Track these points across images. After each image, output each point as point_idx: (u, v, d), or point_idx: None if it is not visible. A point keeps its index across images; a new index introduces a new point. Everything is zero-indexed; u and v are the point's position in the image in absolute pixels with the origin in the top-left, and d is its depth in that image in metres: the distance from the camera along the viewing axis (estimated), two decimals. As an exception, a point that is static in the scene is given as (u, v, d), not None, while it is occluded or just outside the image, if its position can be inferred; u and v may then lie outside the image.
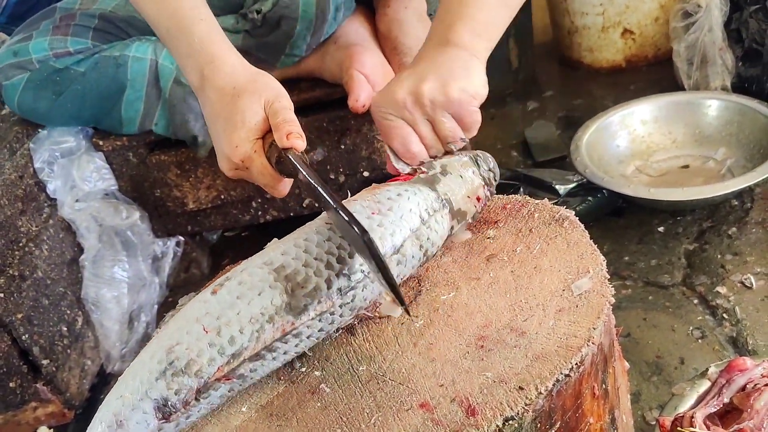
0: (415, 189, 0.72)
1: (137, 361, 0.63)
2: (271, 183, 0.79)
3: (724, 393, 0.84)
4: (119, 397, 0.61)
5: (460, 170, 0.76)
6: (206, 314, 0.62)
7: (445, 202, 0.73)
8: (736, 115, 1.44)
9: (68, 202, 1.29)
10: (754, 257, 1.19)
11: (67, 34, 1.19)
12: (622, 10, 1.86)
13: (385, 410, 0.59)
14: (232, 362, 0.60)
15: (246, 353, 0.61)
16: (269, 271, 0.63)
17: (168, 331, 0.64)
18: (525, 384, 0.58)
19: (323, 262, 0.64)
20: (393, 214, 0.69)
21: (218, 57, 0.81)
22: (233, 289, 0.63)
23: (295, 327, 0.62)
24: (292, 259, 0.64)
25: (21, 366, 1.14)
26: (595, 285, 0.68)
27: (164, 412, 0.59)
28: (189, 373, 0.60)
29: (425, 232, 0.70)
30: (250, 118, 0.77)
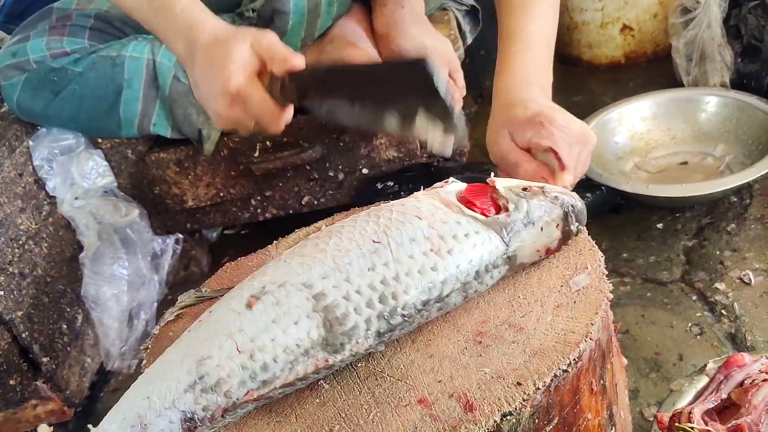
0: (486, 236, 0.65)
1: (166, 361, 0.62)
2: (271, 116, 0.79)
3: (722, 389, 0.84)
4: (145, 397, 0.60)
5: (544, 222, 0.68)
6: (240, 331, 0.61)
7: (509, 258, 0.67)
8: (735, 111, 1.44)
9: (68, 200, 1.29)
10: (753, 253, 1.19)
11: (63, 34, 1.19)
12: (621, 6, 1.86)
13: (384, 406, 0.60)
14: (262, 388, 0.60)
15: (278, 382, 0.60)
16: (308, 296, 0.61)
17: (200, 335, 0.63)
18: (523, 379, 0.59)
19: (364, 298, 0.61)
20: (451, 260, 0.63)
21: (201, 21, 0.83)
22: (269, 308, 0.61)
23: (329, 363, 0.60)
24: (333, 288, 0.61)
25: (21, 363, 1.15)
26: (593, 281, 0.68)
27: (190, 425, 0.59)
28: (218, 392, 0.59)
29: (475, 286, 0.66)
30: (239, 55, 0.77)
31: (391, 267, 0.62)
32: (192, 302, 0.81)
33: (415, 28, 1.18)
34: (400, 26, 1.18)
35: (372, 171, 1.30)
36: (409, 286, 0.62)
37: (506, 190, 0.69)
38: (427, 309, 0.63)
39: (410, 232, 0.64)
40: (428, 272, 0.63)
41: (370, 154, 1.29)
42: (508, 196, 0.69)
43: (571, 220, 0.70)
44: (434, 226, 0.65)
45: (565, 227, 0.69)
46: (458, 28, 1.38)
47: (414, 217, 0.66)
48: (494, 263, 0.66)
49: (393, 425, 0.58)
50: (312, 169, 1.31)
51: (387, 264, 0.62)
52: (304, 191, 1.34)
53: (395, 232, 0.64)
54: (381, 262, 0.62)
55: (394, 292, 0.61)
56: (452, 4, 1.40)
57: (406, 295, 0.61)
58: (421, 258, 0.63)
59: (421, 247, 0.63)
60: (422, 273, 0.62)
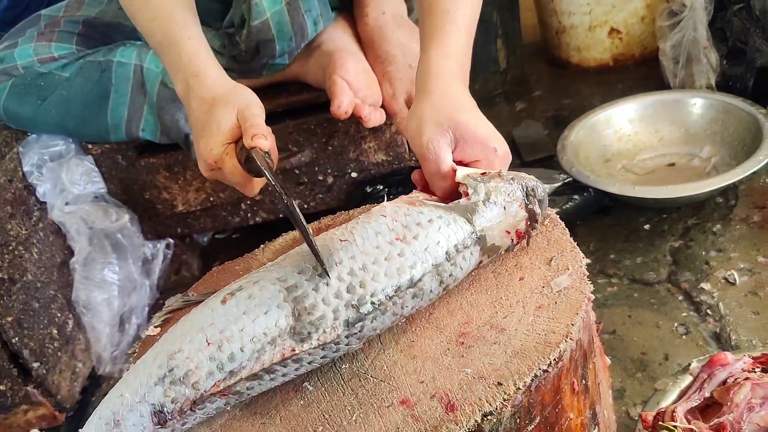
0: (450, 218, 0.67)
1: (142, 360, 0.64)
2: (241, 182, 0.86)
3: (705, 388, 0.85)
4: (119, 395, 0.61)
5: (505, 200, 0.70)
6: (211, 325, 0.62)
7: (478, 239, 0.68)
8: (721, 113, 1.45)
9: (58, 206, 1.29)
10: (738, 253, 1.20)
11: (51, 40, 1.19)
12: (609, 9, 1.88)
13: (367, 407, 0.60)
14: (229, 379, 0.60)
15: (243, 372, 0.60)
16: (280, 288, 0.62)
17: (175, 333, 0.64)
18: (504, 380, 0.59)
19: (333, 290, 0.62)
20: (417, 244, 0.65)
21: (202, 71, 0.88)
22: (242, 302, 0.62)
23: (296, 353, 0.60)
24: (306, 280, 0.62)
25: (11, 369, 1.15)
26: (574, 282, 0.69)
27: (160, 418, 0.60)
28: (186, 384, 0.60)
29: (448, 269, 0.66)
30: (224, 124, 0.83)
31: (358, 258, 0.64)
32: (179, 306, 0.81)
33: (400, 32, 1.19)
34: (383, 32, 1.19)
35: (361, 174, 1.31)
36: (377, 274, 0.63)
37: (465, 177, 0.72)
38: (399, 296, 0.63)
39: (375, 227, 0.66)
40: (395, 258, 0.64)
41: (359, 158, 1.29)
42: (467, 181, 0.72)
43: (532, 198, 0.72)
44: (397, 219, 0.67)
45: (528, 206, 0.71)
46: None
47: (379, 216, 0.68)
48: (463, 243, 0.67)
49: (375, 426, 0.58)
50: (301, 173, 1.32)
51: (353, 257, 0.64)
52: (293, 195, 1.35)
53: (361, 230, 0.66)
54: (348, 255, 0.64)
55: (362, 281, 0.62)
56: (439, 8, 1.40)
57: (374, 282, 0.62)
58: (387, 247, 0.64)
59: (386, 238, 0.65)
60: (389, 260, 0.64)
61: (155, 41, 0.93)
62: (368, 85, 1.12)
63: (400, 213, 0.68)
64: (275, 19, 1.09)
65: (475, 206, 0.69)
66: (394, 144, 1.28)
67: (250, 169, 0.82)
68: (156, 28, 0.92)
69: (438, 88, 0.80)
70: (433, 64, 0.82)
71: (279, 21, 1.10)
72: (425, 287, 0.65)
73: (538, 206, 0.73)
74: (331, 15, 1.20)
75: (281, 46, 1.13)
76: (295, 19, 1.11)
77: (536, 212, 0.72)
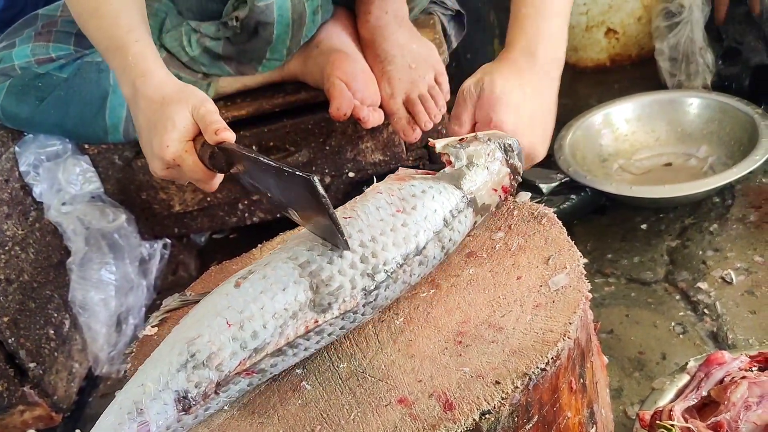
0: (440, 187, 0.72)
1: (157, 351, 0.64)
2: (203, 178, 0.86)
3: (702, 387, 0.85)
4: (140, 385, 0.61)
5: (486, 161, 0.75)
6: (229, 308, 0.63)
7: (470, 201, 0.72)
8: (717, 113, 1.45)
9: (54, 206, 1.29)
10: (735, 253, 1.20)
11: (49, 40, 1.19)
12: (606, 9, 1.88)
13: (365, 406, 0.60)
14: (254, 356, 0.61)
15: (268, 348, 0.61)
16: (294, 266, 0.64)
17: (188, 322, 0.64)
18: (501, 378, 0.59)
19: (347, 261, 0.64)
20: (417, 214, 0.69)
21: (149, 72, 0.88)
22: (257, 282, 0.64)
23: (318, 325, 0.62)
24: (318, 256, 0.65)
25: (8, 369, 1.14)
26: (571, 281, 0.69)
27: (184, 404, 0.60)
28: (210, 367, 0.60)
29: (447, 234, 0.70)
30: (179, 122, 0.83)
31: (366, 231, 0.66)
32: (177, 306, 0.81)
33: (400, 32, 1.19)
34: (384, 31, 1.18)
35: (358, 174, 1.31)
36: (386, 244, 0.66)
37: (445, 146, 0.77)
38: (408, 263, 0.67)
39: (374, 203, 0.69)
40: (400, 229, 0.67)
41: (356, 158, 1.29)
42: (448, 150, 0.76)
43: (511, 153, 0.77)
44: (393, 194, 0.71)
45: (509, 161, 0.77)
46: (443, 32, 1.39)
47: (375, 193, 0.72)
48: (457, 208, 0.71)
49: (373, 425, 0.58)
50: (298, 173, 1.31)
51: (361, 230, 0.67)
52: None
53: (361, 207, 0.70)
54: (355, 230, 0.67)
55: (374, 251, 0.65)
56: (437, 8, 1.41)
57: (385, 252, 0.65)
58: (390, 219, 0.68)
59: (387, 211, 0.69)
60: (395, 230, 0.67)
61: (102, 48, 0.92)
62: (366, 86, 1.12)
63: (393, 188, 0.72)
64: (279, 3, 1.09)
65: (460, 172, 0.74)
66: (392, 144, 1.28)
67: (215, 165, 0.82)
68: (102, 36, 0.92)
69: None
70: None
71: (281, 6, 1.10)
72: (429, 254, 0.69)
73: (517, 159, 0.78)
74: (331, 8, 1.20)
75: (278, 31, 1.12)
76: (296, 7, 1.11)
77: (517, 166, 0.78)
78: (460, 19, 1.45)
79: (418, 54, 1.18)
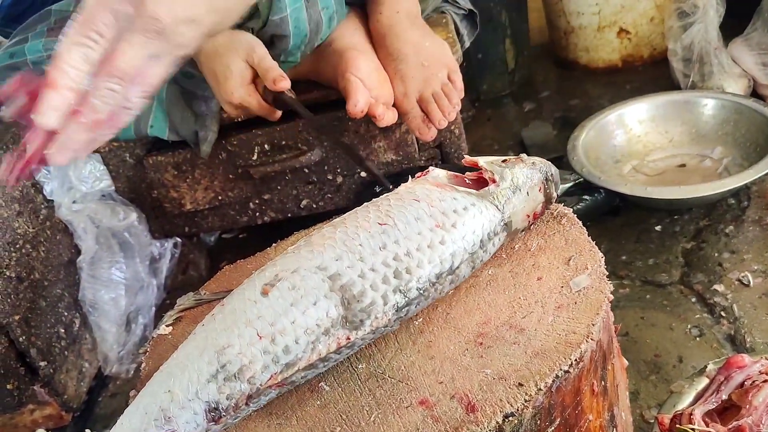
0: (483, 206, 0.69)
1: (184, 355, 0.62)
2: (269, 114, 1.06)
3: (722, 390, 0.84)
4: (167, 391, 0.60)
5: (529, 187, 0.73)
6: (258, 318, 0.61)
7: (506, 224, 0.70)
8: (733, 113, 1.44)
9: (65, 204, 1.28)
10: (751, 255, 1.19)
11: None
12: (618, 9, 1.87)
13: (385, 408, 0.59)
14: (285, 372, 0.60)
15: (301, 363, 0.60)
16: (323, 278, 0.62)
17: (216, 327, 0.63)
18: (524, 380, 0.58)
19: (380, 275, 0.62)
20: (456, 233, 0.66)
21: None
22: (286, 293, 0.62)
23: (351, 341, 0.61)
24: (347, 268, 0.62)
25: (18, 368, 1.14)
26: (593, 281, 0.68)
27: (214, 415, 0.59)
28: (242, 380, 0.59)
29: (480, 255, 0.69)
30: (235, 70, 0.98)
31: (402, 244, 0.64)
32: (191, 305, 0.80)
33: (412, 31, 1.18)
34: (396, 30, 1.17)
35: (370, 174, 1.30)
36: (422, 261, 0.64)
37: (488, 164, 0.74)
38: (440, 282, 0.65)
39: (413, 212, 0.67)
40: (437, 246, 0.65)
41: (369, 157, 1.28)
42: (492, 168, 0.73)
43: (551, 183, 0.75)
44: (434, 205, 0.68)
45: (547, 190, 0.75)
46: (456, 31, 1.38)
47: (412, 200, 0.69)
48: (494, 231, 0.69)
49: (394, 427, 0.57)
50: (310, 173, 1.31)
51: (397, 241, 0.64)
52: (302, 195, 1.34)
53: (398, 215, 0.67)
54: (391, 240, 0.64)
55: (408, 267, 0.63)
56: (450, 7, 1.40)
57: (420, 269, 0.63)
58: (428, 234, 0.65)
59: (426, 224, 0.66)
60: (432, 247, 0.65)
61: None
62: (381, 84, 1.11)
63: (433, 198, 0.69)
64: (294, 16, 1.08)
65: (504, 192, 0.71)
66: (404, 144, 1.27)
67: (277, 106, 1.02)
68: None
69: None
70: None
71: (297, 18, 1.09)
72: (461, 273, 0.67)
73: (554, 189, 0.76)
74: (345, 11, 1.19)
75: (295, 42, 1.12)
76: (312, 17, 1.10)
77: (552, 196, 0.76)
78: (473, 18, 1.44)
79: (430, 52, 1.17)
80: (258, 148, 1.27)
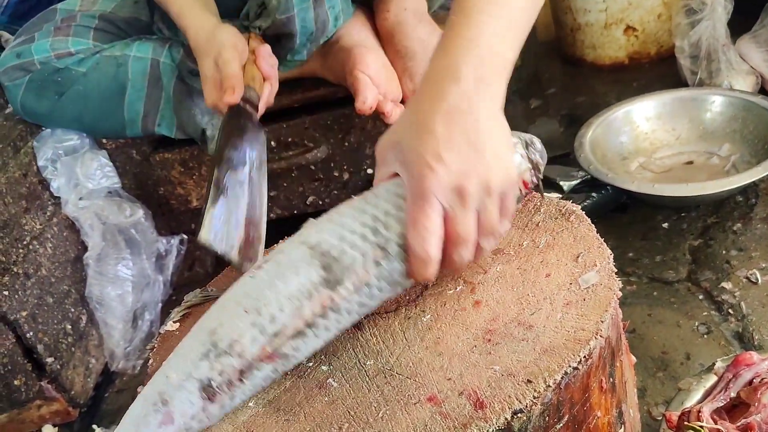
0: None
1: (181, 345, 0.64)
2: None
3: (730, 387, 0.84)
4: (165, 377, 0.61)
5: None
6: (245, 295, 0.63)
7: None
8: (741, 110, 1.43)
9: (72, 200, 1.29)
10: (760, 252, 1.18)
11: (68, 34, 1.19)
12: (625, 6, 1.86)
13: (393, 404, 0.59)
14: (274, 341, 0.61)
15: (288, 331, 0.61)
16: (306, 248, 0.64)
17: (210, 314, 0.65)
18: (533, 377, 0.58)
19: (358, 235, 0.64)
20: None
21: (189, 27, 1.04)
22: (271, 270, 0.64)
23: (334, 301, 0.62)
24: (328, 236, 0.64)
25: (25, 364, 1.14)
26: (602, 278, 0.67)
27: (208, 393, 0.60)
28: (232, 354, 0.60)
29: None
30: (207, 72, 0.99)
31: (380, 206, 0.65)
32: (198, 302, 0.81)
33: (420, 28, 1.18)
34: (404, 28, 1.17)
35: (377, 171, 1.29)
36: (401, 218, 0.64)
37: None
38: None
39: (391, 189, 0.67)
40: None
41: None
42: None
43: (532, 149, 0.75)
44: None
45: (530, 156, 0.74)
46: (463, 27, 1.38)
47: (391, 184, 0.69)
48: None
49: (403, 423, 0.57)
50: (317, 170, 1.31)
51: (377, 205, 0.66)
52: (308, 191, 1.34)
53: (374, 193, 0.68)
54: (370, 205, 0.66)
55: (385, 223, 0.64)
56: (456, 4, 1.39)
57: (399, 225, 0.64)
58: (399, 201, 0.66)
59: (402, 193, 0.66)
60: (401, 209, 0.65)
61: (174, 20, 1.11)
62: (389, 81, 1.11)
63: None
64: (301, 15, 1.08)
65: None
66: (411, 140, 1.27)
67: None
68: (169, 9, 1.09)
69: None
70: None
71: (304, 17, 1.09)
72: None
73: (539, 156, 0.76)
74: (352, 9, 1.18)
75: (301, 40, 1.12)
76: (319, 15, 1.09)
77: (538, 162, 0.75)
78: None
79: None
80: (264, 144, 1.27)
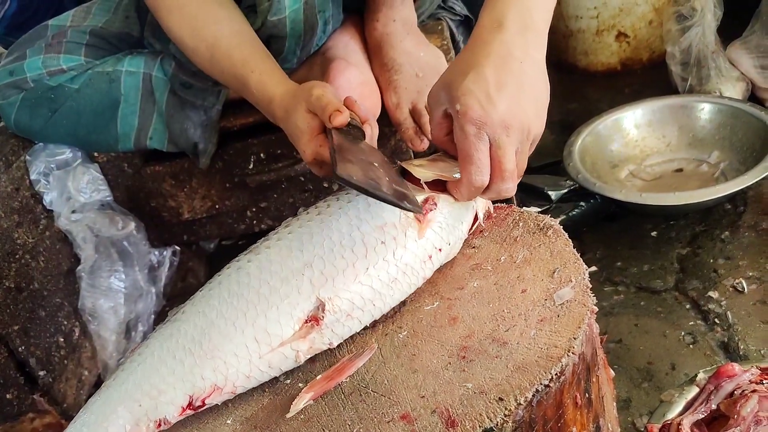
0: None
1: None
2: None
3: (712, 399, 0.84)
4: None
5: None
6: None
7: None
8: (729, 118, 1.44)
9: (64, 214, 1.29)
10: (747, 261, 1.19)
11: (59, 51, 1.19)
12: (617, 13, 1.87)
13: (367, 422, 0.60)
14: None
15: None
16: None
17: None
18: (505, 395, 0.59)
19: None
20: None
21: (273, 97, 0.96)
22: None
23: None
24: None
25: (18, 377, 1.15)
26: (577, 295, 0.68)
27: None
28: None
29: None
30: (301, 125, 0.90)
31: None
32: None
33: (408, 41, 1.18)
34: (392, 39, 1.18)
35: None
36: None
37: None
38: None
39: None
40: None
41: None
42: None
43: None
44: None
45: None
46: (452, 38, 1.39)
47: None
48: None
49: (376, 441, 0.58)
50: (306, 180, 1.31)
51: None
52: (299, 202, 1.34)
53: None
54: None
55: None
56: (446, 14, 1.40)
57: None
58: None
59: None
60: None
61: (236, 89, 1.03)
62: (368, 96, 1.11)
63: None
64: (291, 17, 1.08)
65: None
66: (399, 152, 1.28)
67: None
68: (229, 78, 1.02)
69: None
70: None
71: (294, 19, 1.09)
72: None
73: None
74: (341, 17, 1.19)
75: (290, 44, 1.12)
76: (309, 19, 1.10)
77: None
78: (469, 25, 1.44)
79: (425, 62, 1.18)
80: (254, 157, 1.28)
